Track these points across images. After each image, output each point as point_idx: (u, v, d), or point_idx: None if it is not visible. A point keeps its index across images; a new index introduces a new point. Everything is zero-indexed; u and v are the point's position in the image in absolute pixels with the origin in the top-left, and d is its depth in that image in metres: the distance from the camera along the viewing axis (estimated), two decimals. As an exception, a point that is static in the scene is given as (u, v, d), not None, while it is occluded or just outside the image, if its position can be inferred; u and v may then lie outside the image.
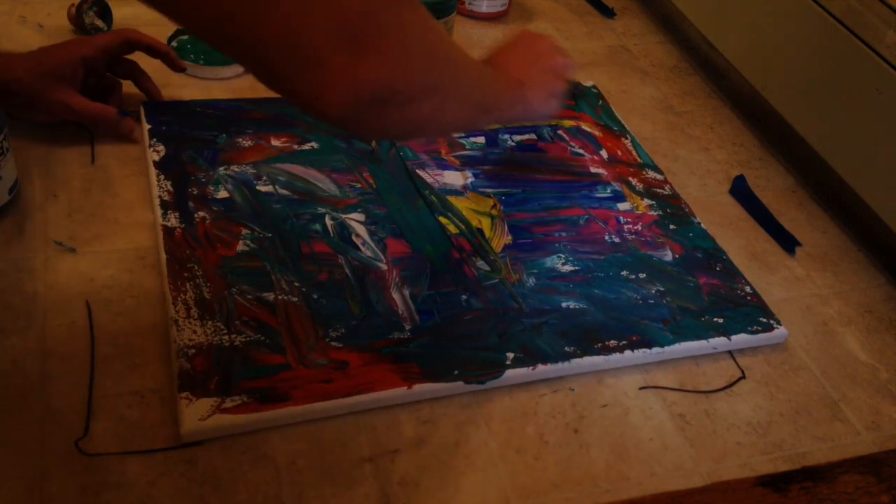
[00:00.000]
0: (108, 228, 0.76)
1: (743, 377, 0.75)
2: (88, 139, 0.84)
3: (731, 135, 1.06)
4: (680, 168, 0.98)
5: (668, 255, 0.83)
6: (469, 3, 1.17)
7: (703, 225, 0.87)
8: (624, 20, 1.25)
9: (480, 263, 0.78)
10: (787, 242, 0.91)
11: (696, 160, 1.00)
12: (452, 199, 0.84)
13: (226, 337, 0.67)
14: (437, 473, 0.63)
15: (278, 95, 0.50)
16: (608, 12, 1.25)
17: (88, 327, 0.67)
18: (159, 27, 1.00)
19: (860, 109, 0.89)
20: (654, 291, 0.78)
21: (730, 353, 0.77)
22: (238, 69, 0.97)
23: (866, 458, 0.70)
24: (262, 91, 1.00)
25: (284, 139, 0.87)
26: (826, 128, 0.94)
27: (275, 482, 0.60)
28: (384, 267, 0.76)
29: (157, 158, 0.81)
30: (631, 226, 0.85)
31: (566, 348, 0.71)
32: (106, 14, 0.97)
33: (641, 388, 0.73)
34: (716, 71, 1.15)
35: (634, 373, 0.74)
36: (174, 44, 0.97)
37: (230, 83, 0.96)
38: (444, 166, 0.88)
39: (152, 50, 0.87)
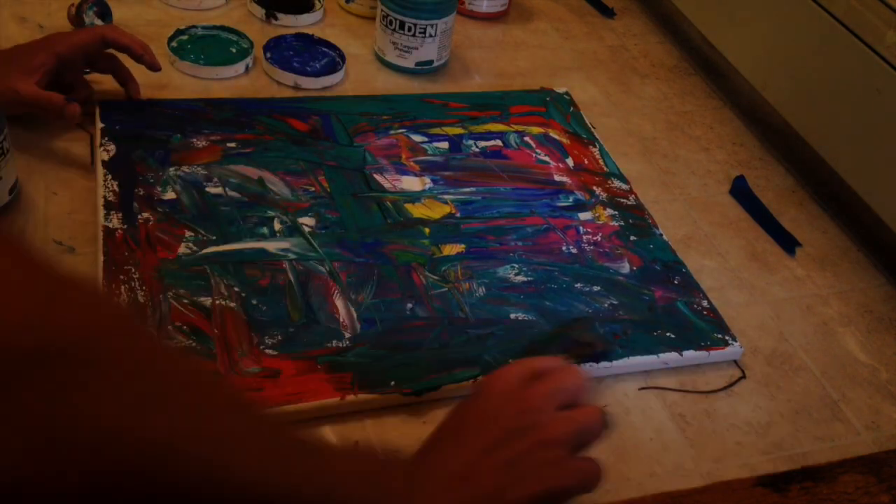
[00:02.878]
0: (109, 228, 0.76)
1: (743, 377, 0.75)
2: (88, 140, 0.84)
3: (731, 135, 1.06)
4: (680, 168, 0.98)
5: (626, 268, 0.81)
6: (469, 3, 1.17)
7: (665, 237, 0.86)
8: (624, 20, 1.25)
9: (430, 271, 0.77)
10: (787, 242, 0.91)
11: (696, 160, 1.00)
12: (408, 206, 0.83)
13: None
14: (438, 473, 0.63)
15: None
16: (608, 12, 1.25)
17: (89, 327, 0.67)
18: (159, 27, 1.00)
19: (860, 109, 0.89)
20: (607, 305, 0.77)
21: (732, 359, 0.77)
22: (238, 69, 0.97)
23: (866, 458, 0.70)
24: (263, 91, 1.00)
25: (241, 140, 0.86)
26: (826, 128, 0.94)
27: (275, 482, 0.60)
28: None
29: (106, 158, 0.80)
30: (590, 236, 0.84)
31: (510, 360, 0.69)
32: (106, 14, 0.97)
33: (641, 389, 0.73)
34: (716, 71, 1.15)
35: (635, 373, 0.74)
36: (174, 44, 0.97)
37: (230, 83, 0.96)
38: (404, 171, 0.87)
39: (130, 51, 0.86)
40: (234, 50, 0.99)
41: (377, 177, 0.85)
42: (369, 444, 0.64)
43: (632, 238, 0.85)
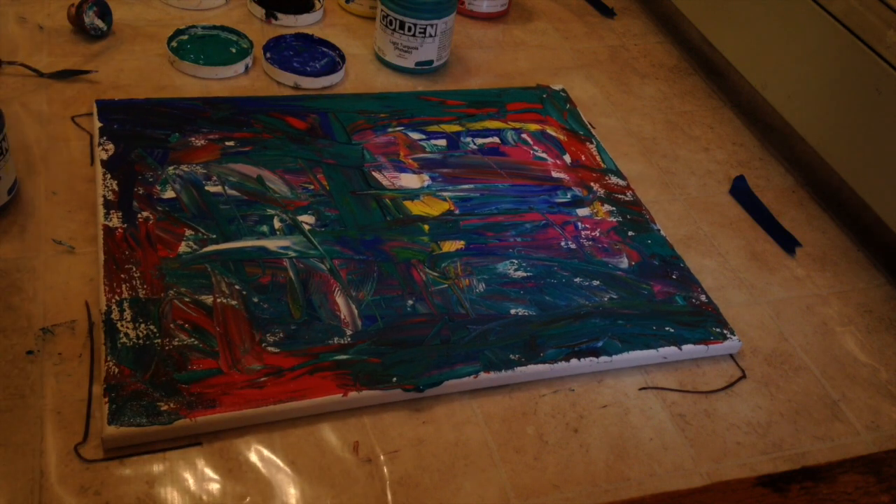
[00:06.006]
0: (108, 228, 0.76)
1: (743, 377, 0.75)
2: (88, 139, 0.84)
3: (731, 135, 1.06)
4: (680, 168, 0.98)
5: (625, 262, 0.82)
6: (469, 3, 1.17)
7: (662, 232, 0.86)
8: (624, 20, 1.25)
9: (429, 268, 0.77)
10: (787, 242, 0.91)
11: (696, 160, 1.00)
12: (407, 203, 0.83)
13: (157, 341, 0.65)
14: (437, 473, 0.63)
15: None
16: (608, 12, 1.25)
17: (88, 327, 0.67)
18: (159, 27, 1.00)
19: (860, 109, 0.89)
20: (606, 299, 0.77)
21: (730, 353, 0.77)
22: (238, 69, 0.97)
23: (866, 458, 0.70)
24: (261, 90, 1.00)
25: (239, 139, 0.86)
26: (826, 128, 0.94)
27: (274, 481, 0.60)
28: None
29: (104, 157, 0.80)
30: (589, 232, 0.84)
31: (511, 356, 0.70)
32: (106, 14, 0.97)
33: (641, 389, 0.73)
34: (716, 71, 1.15)
35: (634, 373, 0.74)
36: (174, 44, 0.97)
37: (230, 83, 0.96)
38: (402, 169, 0.87)
39: None
40: (233, 50, 0.99)
41: (376, 174, 0.85)
42: (369, 441, 0.64)
43: (630, 234, 0.85)
